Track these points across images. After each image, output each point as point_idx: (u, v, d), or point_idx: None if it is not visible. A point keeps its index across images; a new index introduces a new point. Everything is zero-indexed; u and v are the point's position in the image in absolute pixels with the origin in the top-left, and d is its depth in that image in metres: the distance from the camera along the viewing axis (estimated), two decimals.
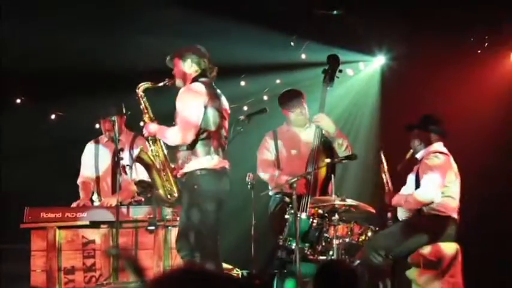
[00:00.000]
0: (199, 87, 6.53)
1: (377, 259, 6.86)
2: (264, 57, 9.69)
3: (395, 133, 8.41)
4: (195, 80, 6.63)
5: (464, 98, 9.53)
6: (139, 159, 6.72)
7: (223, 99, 6.72)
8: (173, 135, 6.50)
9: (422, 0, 9.03)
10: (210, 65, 6.71)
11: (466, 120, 9.40)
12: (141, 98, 6.78)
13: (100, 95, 8.92)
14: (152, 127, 6.66)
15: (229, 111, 6.80)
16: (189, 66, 6.66)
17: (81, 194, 7.89)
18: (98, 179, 7.96)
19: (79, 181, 8.00)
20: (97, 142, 8.06)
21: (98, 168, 7.96)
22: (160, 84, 6.80)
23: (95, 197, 7.95)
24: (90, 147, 8.08)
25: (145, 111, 6.78)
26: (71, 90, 9.50)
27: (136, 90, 6.79)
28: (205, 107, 6.48)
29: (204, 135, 6.48)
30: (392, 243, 6.93)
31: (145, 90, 6.80)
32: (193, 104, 6.46)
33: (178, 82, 6.71)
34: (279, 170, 7.71)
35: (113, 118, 7.46)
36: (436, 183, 6.97)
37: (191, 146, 6.48)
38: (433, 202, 6.97)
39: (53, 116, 10.18)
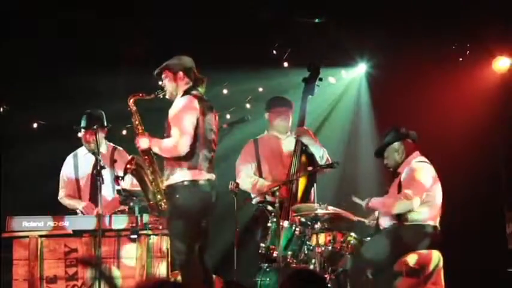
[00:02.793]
0: (192, 100, 6.55)
1: (365, 280, 6.89)
2: (246, 65, 9.69)
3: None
4: (187, 91, 6.65)
5: (446, 105, 9.56)
6: (131, 169, 6.71)
7: (213, 113, 6.73)
8: (169, 147, 6.50)
9: (404, 9, 9.04)
10: (199, 76, 6.73)
11: (448, 127, 9.45)
12: (132, 110, 6.76)
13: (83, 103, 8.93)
14: (146, 140, 6.64)
15: (217, 123, 6.81)
16: (180, 78, 6.68)
17: (73, 202, 7.91)
18: (79, 193, 7.95)
19: (61, 196, 8.00)
20: (75, 156, 8.07)
21: (78, 181, 7.96)
22: (151, 96, 6.79)
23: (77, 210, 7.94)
24: (69, 161, 8.08)
25: (137, 123, 6.76)
26: (53, 99, 9.48)
27: (128, 102, 6.77)
28: (197, 120, 6.51)
29: (193, 148, 6.49)
30: (377, 262, 6.94)
31: (136, 102, 6.78)
32: (187, 116, 6.49)
33: (169, 94, 6.74)
34: (260, 178, 7.72)
35: (94, 127, 7.52)
36: (417, 193, 6.98)
37: (178, 158, 6.49)
38: (412, 210, 6.99)
39: (35, 125, 10.14)
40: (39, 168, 9.19)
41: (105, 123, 7.93)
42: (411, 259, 6.94)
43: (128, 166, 6.69)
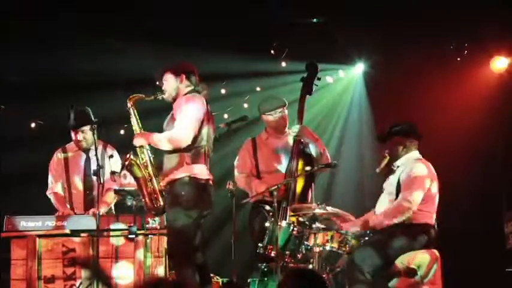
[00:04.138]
0: (201, 99, 6.65)
1: (363, 280, 6.87)
2: (244, 65, 9.71)
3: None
4: (189, 93, 6.72)
5: (445, 104, 9.58)
6: (128, 167, 6.72)
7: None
8: (172, 136, 6.54)
9: (402, 9, 9.05)
10: (200, 81, 6.82)
11: (447, 126, 9.46)
12: (131, 110, 6.81)
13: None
14: (145, 136, 6.70)
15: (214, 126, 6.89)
16: (182, 80, 6.75)
17: (58, 206, 7.80)
18: (69, 188, 7.88)
19: (49, 192, 7.89)
20: (65, 151, 7.97)
21: (68, 177, 7.88)
22: (151, 97, 6.86)
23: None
24: (59, 155, 7.95)
25: (135, 123, 6.81)
26: (51, 99, 9.50)
27: (127, 102, 6.82)
28: (204, 117, 6.61)
29: (196, 144, 6.58)
30: (375, 261, 6.92)
31: (135, 103, 6.83)
32: (195, 110, 6.57)
33: (169, 96, 6.80)
34: (258, 178, 7.72)
35: (84, 128, 7.52)
36: (417, 195, 6.98)
37: (184, 153, 6.55)
38: (412, 212, 6.98)
39: (32, 125, 10.15)
40: (38, 167, 9.20)
41: (92, 120, 7.75)
42: (409, 259, 6.92)
43: (126, 163, 6.71)
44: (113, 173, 7.23)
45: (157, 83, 6.98)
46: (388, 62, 9.75)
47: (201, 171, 6.59)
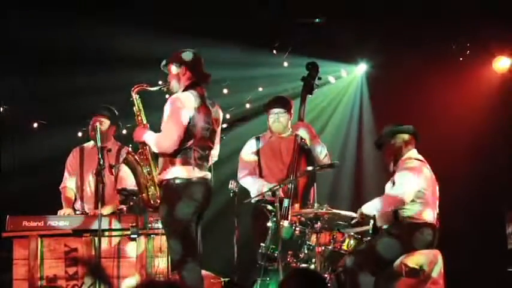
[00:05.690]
0: (188, 96, 6.45)
1: (365, 279, 6.87)
2: (246, 65, 9.71)
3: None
4: (188, 87, 6.55)
5: (447, 104, 9.58)
6: (126, 161, 6.69)
7: (216, 109, 6.66)
8: (157, 142, 6.43)
9: (405, 8, 9.06)
10: (203, 71, 6.66)
11: (448, 126, 9.47)
12: (135, 100, 6.68)
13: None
14: (141, 132, 6.59)
15: (220, 121, 6.74)
16: (182, 73, 6.59)
17: (64, 202, 7.84)
18: (82, 186, 7.91)
19: (61, 187, 7.95)
20: (82, 149, 8.02)
21: (82, 175, 7.91)
22: (155, 88, 6.74)
23: (77, 205, 7.91)
24: (75, 154, 8.02)
25: (138, 113, 6.67)
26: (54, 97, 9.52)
27: (131, 93, 6.68)
28: (192, 117, 6.41)
29: (186, 144, 6.41)
30: (377, 261, 6.93)
31: (139, 93, 6.70)
32: (179, 112, 6.38)
33: (173, 87, 6.65)
34: (260, 177, 7.72)
35: (103, 119, 7.52)
36: (408, 182, 6.97)
37: (171, 154, 6.42)
38: (404, 202, 6.96)
39: (35, 125, 10.16)
40: (40, 167, 9.22)
41: (117, 120, 7.97)
42: (411, 259, 6.92)
43: (124, 157, 6.70)
44: (110, 166, 7.23)
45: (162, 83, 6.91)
46: (390, 61, 9.75)
47: (186, 171, 6.39)
